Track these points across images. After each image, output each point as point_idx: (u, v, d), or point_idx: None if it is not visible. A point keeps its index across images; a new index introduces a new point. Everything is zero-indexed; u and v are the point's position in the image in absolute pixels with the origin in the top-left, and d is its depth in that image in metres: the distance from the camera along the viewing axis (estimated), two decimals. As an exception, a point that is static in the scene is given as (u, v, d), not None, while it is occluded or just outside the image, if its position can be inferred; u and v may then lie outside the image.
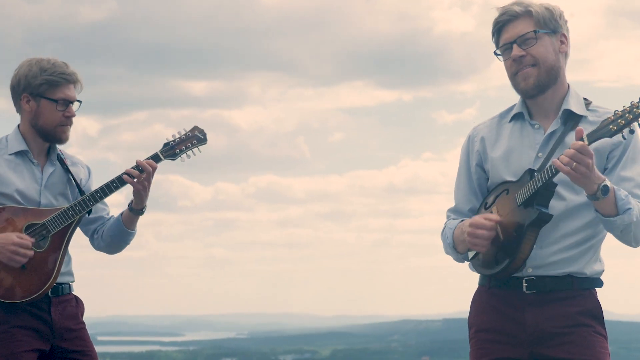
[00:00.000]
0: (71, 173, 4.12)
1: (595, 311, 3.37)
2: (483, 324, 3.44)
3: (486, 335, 3.42)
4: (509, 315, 3.37)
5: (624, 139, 3.13)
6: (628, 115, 3.00)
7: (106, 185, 4.00)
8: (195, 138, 4.11)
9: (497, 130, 3.50)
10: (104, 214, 4.22)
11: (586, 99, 3.44)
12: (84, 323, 4.14)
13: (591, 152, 3.06)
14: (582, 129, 3.10)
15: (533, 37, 3.33)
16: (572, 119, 3.37)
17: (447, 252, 3.54)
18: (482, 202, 3.48)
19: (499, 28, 3.40)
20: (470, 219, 3.36)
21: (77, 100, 4.05)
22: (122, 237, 4.16)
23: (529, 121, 3.43)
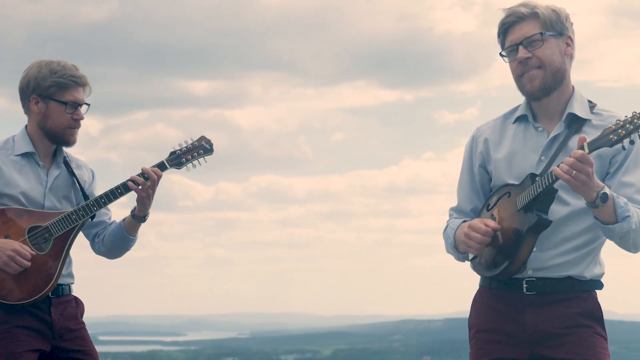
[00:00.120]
0: (76, 177, 4.13)
1: (595, 312, 3.37)
2: (483, 324, 3.45)
3: (486, 335, 3.43)
4: (509, 315, 3.38)
5: (623, 149, 3.13)
6: (629, 126, 2.99)
7: (110, 192, 4.01)
8: (202, 148, 4.12)
9: (501, 131, 3.49)
10: (106, 218, 4.23)
11: (591, 101, 3.43)
12: (83, 323, 4.16)
13: (591, 160, 3.05)
14: (585, 137, 3.09)
15: (539, 39, 3.32)
16: (576, 123, 3.36)
17: (448, 251, 3.55)
18: (485, 203, 3.48)
19: (505, 29, 3.38)
20: (470, 221, 3.37)
21: (86, 103, 4.06)
22: (123, 242, 4.17)
23: (532, 124, 3.42)
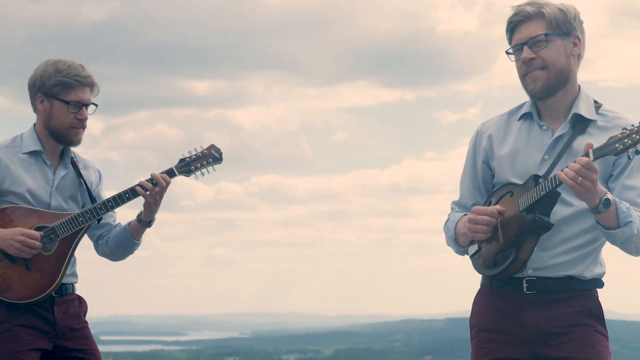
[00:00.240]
0: (83, 177, 4.14)
1: (595, 311, 3.38)
2: (484, 323, 3.45)
3: (487, 335, 3.43)
4: (510, 315, 3.38)
5: (629, 158, 3.16)
6: (635, 136, 2.99)
7: (118, 196, 4.03)
8: (211, 157, 4.15)
9: (505, 128, 3.48)
10: (111, 220, 4.25)
11: (596, 101, 3.42)
12: (86, 322, 4.17)
13: (596, 167, 3.06)
14: (592, 144, 3.08)
15: (544, 39, 3.30)
16: (581, 123, 3.35)
17: (449, 244, 3.55)
18: (486, 200, 3.48)
19: (512, 28, 3.38)
20: (473, 208, 3.37)
21: (94, 103, 4.07)
22: (127, 246, 4.20)
23: (537, 122, 3.42)
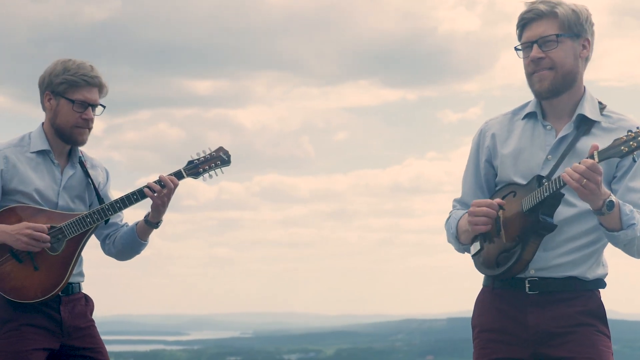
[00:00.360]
0: (90, 177, 4.15)
1: (597, 311, 3.38)
2: (486, 324, 3.46)
3: (489, 335, 3.44)
4: (512, 315, 3.39)
5: (634, 161, 3.17)
6: None
7: (126, 197, 4.04)
8: (219, 159, 4.15)
9: (509, 127, 3.48)
10: (118, 220, 4.27)
11: (601, 102, 3.42)
12: (93, 321, 4.18)
13: (601, 169, 3.06)
14: (597, 145, 3.08)
15: (554, 40, 3.30)
16: (585, 124, 3.35)
17: (450, 241, 3.55)
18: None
19: (523, 24, 3.36)
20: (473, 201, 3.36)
21: (101, 104, 4.08)
22: (134, 246, 4.22)
23: (541, 122, 3.42)
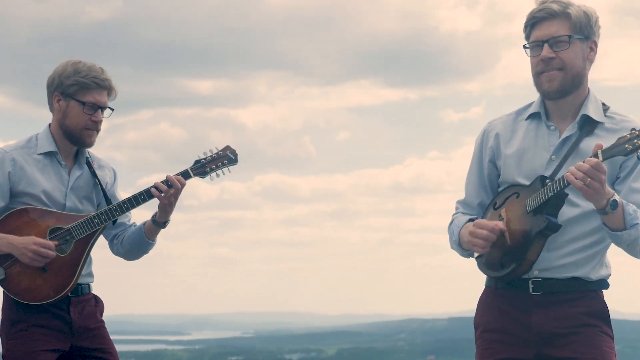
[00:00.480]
0: (98, 177, 4.15)
1: (601, 312, 3.38)
2: (489, 324, 3.46)
3: (492, 335, 3.44)
4: (515, 316, 3.39)
5: (638, 159, 3.18)
6: None
7: (134, 197, 4.04)
8: (226, 158, 4.14)
9: (512, 127, 3.47)
10: (126, 220, 4.28)
11: (604, 103, 3.42)
12: (103, 321, 4.19)
13: (605, 168, 3.06)
14: (601, 144, 3.09)
15: (566, 41, 3.29)
16: (589, 125, 3.35)
17: (453, 248, 3.55)
18: (492, 201, 3.47)
19: (534, 23, 3.34)
20: (477, 220, 3.36)
21: (110, 107, 4.08)
22: (142, 246, 4.22)
23: (545, 122, 3.41)
